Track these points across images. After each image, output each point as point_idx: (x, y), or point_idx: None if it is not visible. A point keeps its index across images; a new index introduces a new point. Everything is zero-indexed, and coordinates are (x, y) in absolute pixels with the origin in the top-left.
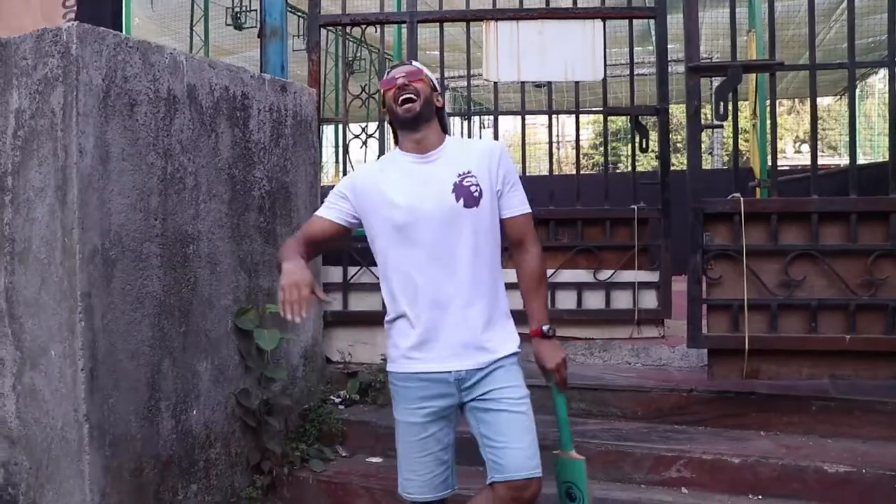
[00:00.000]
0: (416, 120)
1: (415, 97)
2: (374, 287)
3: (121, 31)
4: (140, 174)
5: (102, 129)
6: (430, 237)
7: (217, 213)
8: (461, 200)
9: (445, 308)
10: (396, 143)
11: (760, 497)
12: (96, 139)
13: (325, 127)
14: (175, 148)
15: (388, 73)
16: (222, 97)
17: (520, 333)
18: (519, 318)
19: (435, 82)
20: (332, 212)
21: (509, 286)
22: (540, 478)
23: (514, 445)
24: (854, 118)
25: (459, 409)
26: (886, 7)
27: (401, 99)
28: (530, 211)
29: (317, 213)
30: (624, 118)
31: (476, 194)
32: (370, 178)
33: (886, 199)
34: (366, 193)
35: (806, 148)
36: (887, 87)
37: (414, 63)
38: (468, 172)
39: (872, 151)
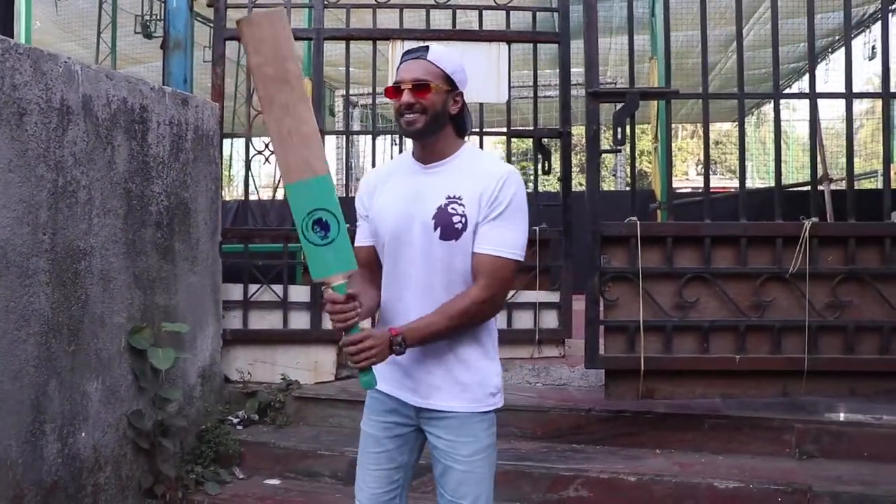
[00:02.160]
0: (419, 135)
1: (420, 114)
2: (275, 305)
3: (11, 35)
4: (28, 186)
5: None
6: (399, 260)
7: (112, 228)
8: (438, 230)
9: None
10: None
11: None
12: None
13: (234, 141)
14: (68, 160)
15: (401, 61)
16: (120, 109)
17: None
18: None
19: (454, 74)
20: (363, 236)
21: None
22: None
23: (458, 501)
24: (743, 146)
25: (420, 433)
26: (786, 38)
27: (404, 118)
28: (506, 257)
29: (357, 237)
30: (530, 139)
31: (458, 226)
32: (376, 185)
33: (773, 224)
34: (372, 199)
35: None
36: (784, 115)
37: (430, 53)
38: (457, 198)
39: (768, 176)
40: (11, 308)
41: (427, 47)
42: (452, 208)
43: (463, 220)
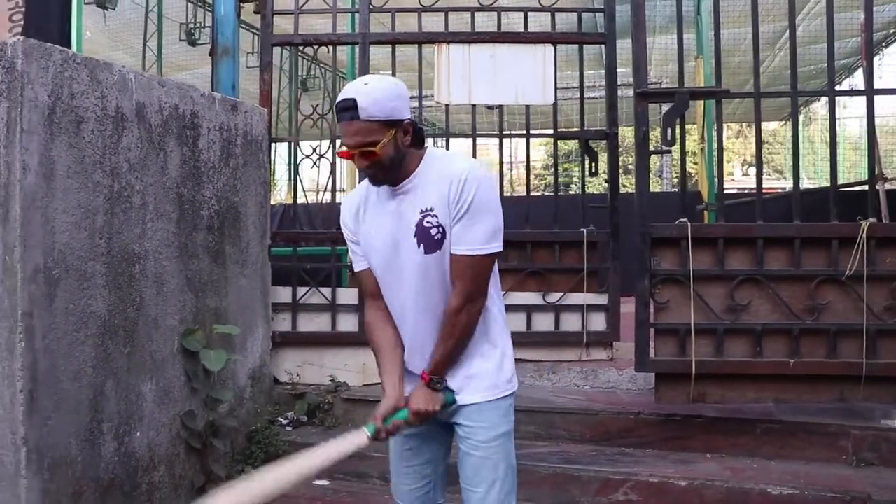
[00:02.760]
0: (387, 181)
1: (379, 168)
2: (323, 308)
3: (69, 46)
4: (86, 192)
5: (47, 146)
6: (393, 286)
7: (165, 232)
8: (422, 247)
9: (417, 347)
10: None
11: None
12: (41, 156)
13: (277, 145)
14: (122, 166)
15: (339, 119)
16: (171, 115)
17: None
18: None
19: (392, 112)
20: (357, 260)
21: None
22: None
23: (473, 489)
24: (797, 145)
25: (449, 428)
26: (837, 34)
27: (367, 174)
28: (479, 253)
29: (354, 267)
30: (575, 141)
31: (437, 237)
32: (358, 209)
33: (828, 225)
34: (358, 226)
35: (754, 171)
36: (835, 115)
37: (360, 111)
38: (429, 210)
39: (816, 176)
40: (71, 310)
41: (354, 104)
42: (428, 221)
43: (440, 230)
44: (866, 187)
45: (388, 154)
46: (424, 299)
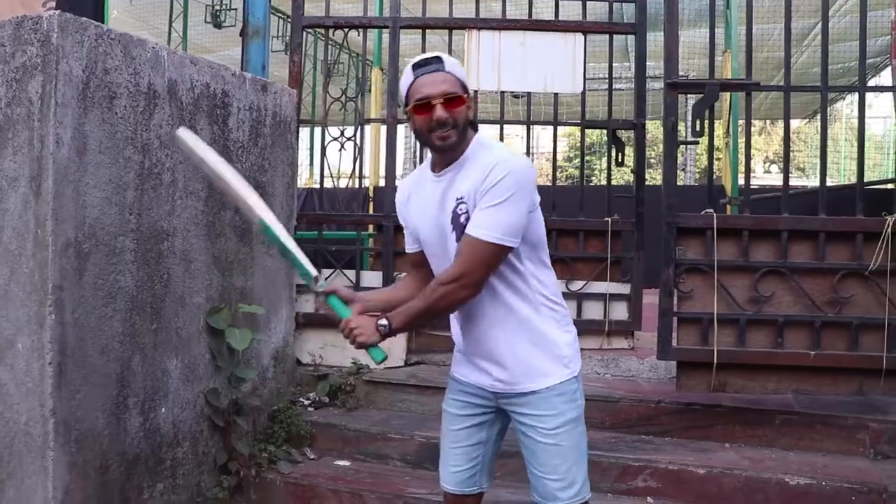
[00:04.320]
0: (452, 149)
1: (453, 129)
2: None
3: (102, 22)
4: (117, 168)
5: (81, 120)
6: (438, 269)
7: (193, 210)
8: (454, 233)
9: (472, 333)
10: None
11: None
12: (74, 130)
13: (301, 127)
14: (153, 143)
15: (417, 75)
16: (203, 94)
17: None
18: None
19: (465, 80)
20: (407, 242)
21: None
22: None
23: (547, 476)
24: (825, 140)
25: (502, 414)
26: (856, 34)
27: (437, 133)
28: (486, 239)
29: (406, 244)
30: (599, 132)
31: (465, 223)
32: (409, 195)
33: (854, 219)
34: (403, 211)
35: (775, 168)
36: (855, 112)
37: (447, 64)
38: (461, 198)
39: (838, 174)
40: (100, 285)
41: (440, 58)
42: (460, 208)
43: (468, 217)
44: (891, 185)
45: (463, 115)
46: None
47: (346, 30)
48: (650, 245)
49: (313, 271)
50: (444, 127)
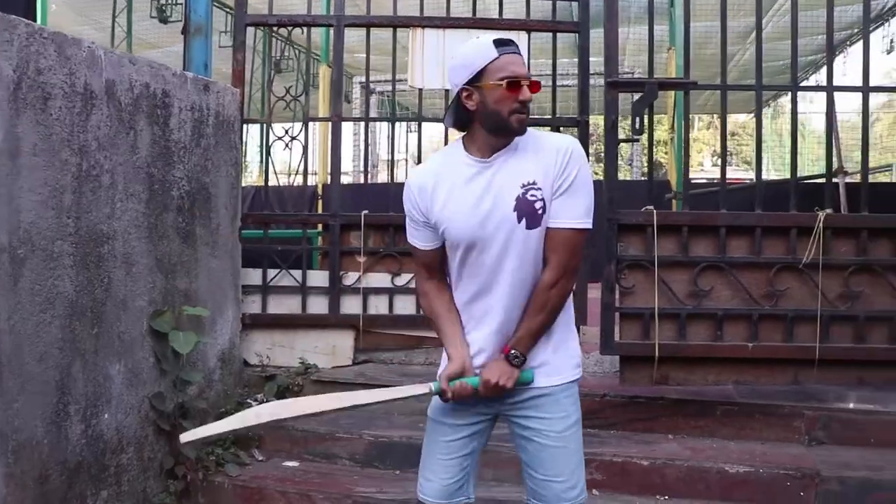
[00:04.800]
0: (524, 131)
1: (527, 113)
2: (294, 290)
3: (34, 20)
4: (53, 171)
5: (13, 122)
6: (482, 261)
7: (134, 212)
8: (523, 221)
9: (491, 329)
10: (458, 128)
11: (667, 498)
12: (6, 133)
13: (248, 127)
14: (91, 145)
15: (502, 52)
16: (142, 94)
17: None
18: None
19: None
20: (418, 238)
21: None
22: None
23: (554, 479)
24: (760, 137)
25: (495, 419)
26: (800, 32)
27: (517, 115)
28: (577, 227)
29: (410, 241)
30: (547, 128)
31: (539, 210)
32: (432, 190)
33: (788, 214)
34: (431, 206)
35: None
36: (801, 107)
37: (520, 48)
38: (533, 183)
39: (784, 168)
40: (37, 291)
41: (515, 42)
42: (532, 195)
43: (542, 204)
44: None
45: None
46: (521, 274)
47: (289, 27)
48: (594, 241)
49: (425, 388)
50: (525, 109)
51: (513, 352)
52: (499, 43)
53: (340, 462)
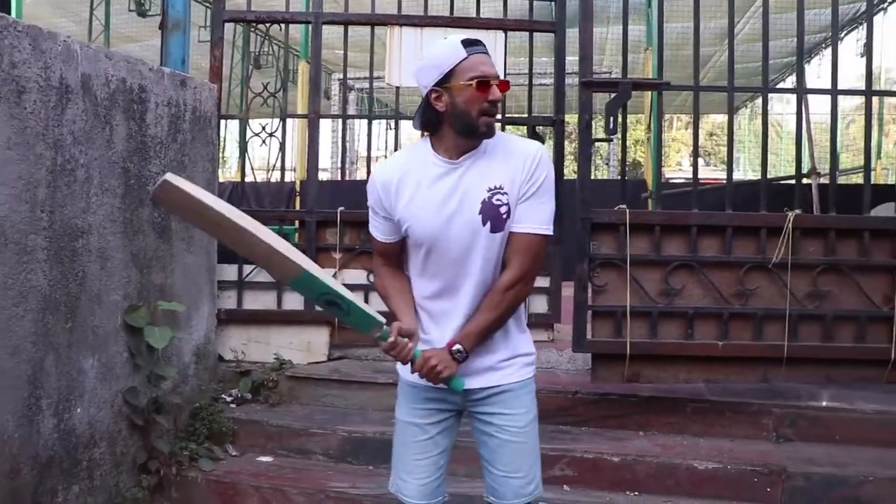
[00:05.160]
0: (492, 134)
1: (496, 113)
2: (269, 286)
3: (9, 12)
4: (27, 164)
5: None
6: (445, 262)
7: (109, 206)
8: (488, 224)
9: (451, 329)
10: (426, 130)
11: (637, 493)
12: None
13: (227, 123)
14: (66, 139)
15: (471, 52)
16: (119, 89)
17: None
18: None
19: None
20: (379, 230)
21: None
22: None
23: (512, 475)
24: (731, 139)
25: (460, 415)
26: (774, 34)
27: (487, 114)
28: (539, 233)
29: (370, 231)
30: (523, 127)
31: (504, 215)
32: (397, 185)
33: (758, 215)
34: (396, 202)
35: (701, 162)
36: (776, 108)
37: (490, 49)
38: (499, 188)
39: (760, 168)
40: (9, 285)
41: (482, 42)
42: (497, 199)
43: (507, 209)
44: (803, 180)
45: None
46: (481, 275)
47: (268, 24)
48: (569, 239)
49: (379, 317)
50: (494, 109)
51: (456, 346)
52: (467, 43)
53: (314, 457)
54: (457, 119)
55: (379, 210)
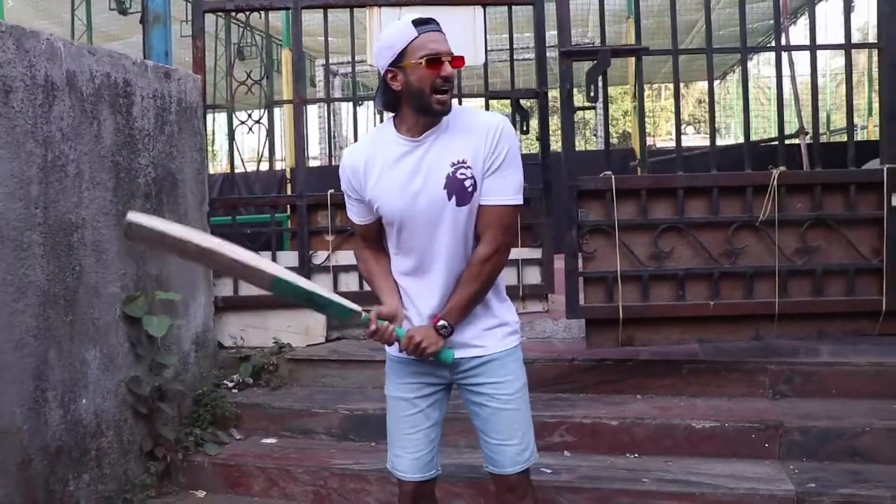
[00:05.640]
0: (448, 112)
1: (449, 91)
2: None
3: None
4: (18, 162)
5: None
6: (416, 239)
7: (101, 200)
8: (453, 198)
9: (432, 303)
10: (388, 110)
11: (637, 455)
12: None
13: (216, 114)
14: (55, 135)
15: (421, 31)
16: (104, 84)
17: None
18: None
19: None
20: (355, 213)
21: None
22: (527, 469)
23: (507, 443)
24: (713, 103)
25: (449, 388)
26: None
27: (440, 92)
28: (509, 204)
29: (348, 214)
30: (508, 102)
31: (470, 188)
32: (364, 166)
33: (743, 174)
34: (365, 182)
35: (691, 130)
36: (764, 71)
37: (440, 25)
38: (462, 162)
39: (751, 132)
40: (9, 281)
41: (436, 21)
42: (461, 173)
43: (473, 182)
44: (793, 141)
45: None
46: (451, 250)
47: (247, 12)
48: (559, 210)
49: (355, 307)
50: (447, 85)
51: (441, 322)
52: (418, 22)
53: (317, 437)
54: (413, 98)
55: (352, 193)
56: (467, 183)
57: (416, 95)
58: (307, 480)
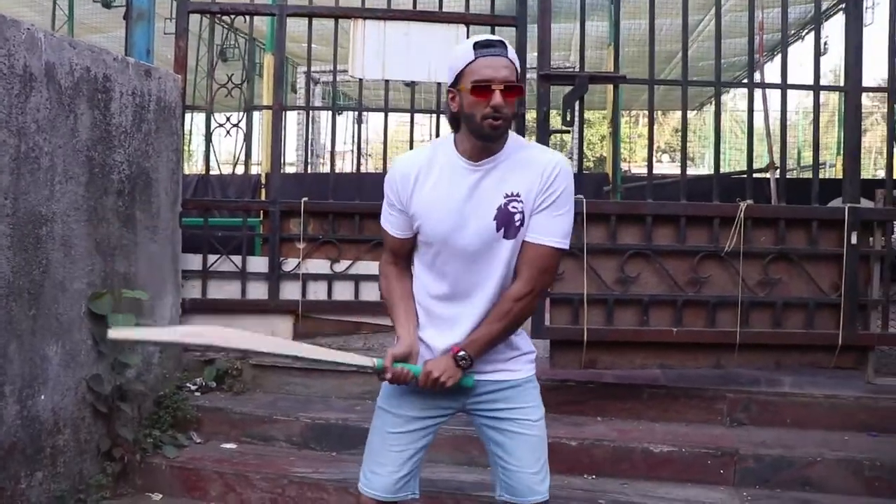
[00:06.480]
0: (497, 139)
1: (504, 120)
2: (234, 275)
3: None
4: None
5: None
6: (453, 264)
7: (73, 195)
8: (501, 230)
9: (458, 331)
10: (451, 128)
11: (594, 476)
12: None
13: (194, 115)
14: (30, 127)
15: (480, 55)
16: (83, 78)
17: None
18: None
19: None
20: (391, 225)
21: None
22: (547, 500)
23: (526, 470)
24: (685, 134)
25: (454, 415)
26: (739, 31)
27: (491, 120)
28: (553, 246)
29: (383, 224)
30: None
31: (518, 223)
32: (417, 177)
33: (711, 205)
34: (413, 193)
35: (667, 158)
36: (740, 105)
37: (509, 51)
38: (516, 195)
39: (725, 163)
40: None
41: (504, 43)
42: (513, 206)
43: (522, 217)
44: (763, 175)
45: (516, 107)
46: (489, 281)
47: (232, 16)
48: None
49: (368, 361)
50: (499, 114)
51: (461, 353)
52: (480, 45)
53: (278, 444)
54: (466, 121)
55: (395, 202)
56: (517, 217)
57: (468, 119)
58: (265, 487)
